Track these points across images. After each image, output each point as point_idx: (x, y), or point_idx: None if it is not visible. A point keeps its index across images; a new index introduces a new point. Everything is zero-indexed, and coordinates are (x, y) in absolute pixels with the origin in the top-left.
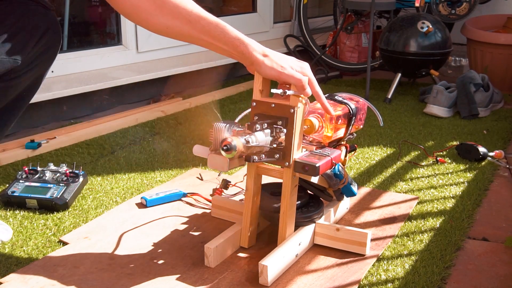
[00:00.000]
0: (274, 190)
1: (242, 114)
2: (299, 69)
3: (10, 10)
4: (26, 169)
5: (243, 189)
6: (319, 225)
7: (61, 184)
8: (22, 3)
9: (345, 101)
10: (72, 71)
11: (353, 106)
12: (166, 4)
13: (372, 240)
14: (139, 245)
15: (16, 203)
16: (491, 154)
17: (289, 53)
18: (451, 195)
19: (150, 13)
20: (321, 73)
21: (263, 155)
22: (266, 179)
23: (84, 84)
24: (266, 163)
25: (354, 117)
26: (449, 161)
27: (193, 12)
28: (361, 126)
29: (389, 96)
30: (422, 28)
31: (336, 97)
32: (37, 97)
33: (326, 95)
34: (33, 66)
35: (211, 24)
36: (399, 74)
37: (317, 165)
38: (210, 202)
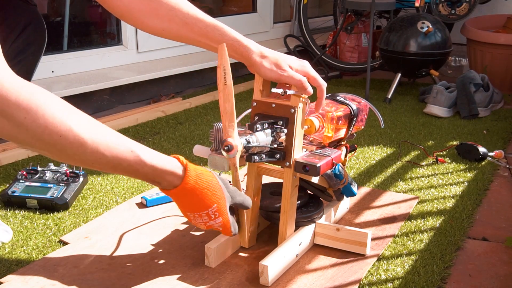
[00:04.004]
0: (274, 190)
1: (243, 114)
2: (300, 68)
3: None
4: (25, 172)
5: (243, 189)
6: (319, 225)
7: (61, 184)
8: None
9: (346, 101)
10: (72, 71)
11: (354, 107)
12: (162, 6)
13: (372, 240)
14: (139, 245)
15: (16, 203)
16: (491, 154)
17: (289, 53)
18: (451, 195)
19: (145, 15)
20: (321, 73)
21: (264, 155)
22: (266, 179)
23: (84, 84)
24: (267, 163)
25: (355, 118)
26: (449, 161)
27: (190, 14)
28: (362, 127)
29: (389, 96)
30: (422, 28)
31: (337, 97)
32: None
33: (328, 95)
34: (15, 63)
35: (208, 26)
36: (399, 74)
37: (318, 165)
38: None
